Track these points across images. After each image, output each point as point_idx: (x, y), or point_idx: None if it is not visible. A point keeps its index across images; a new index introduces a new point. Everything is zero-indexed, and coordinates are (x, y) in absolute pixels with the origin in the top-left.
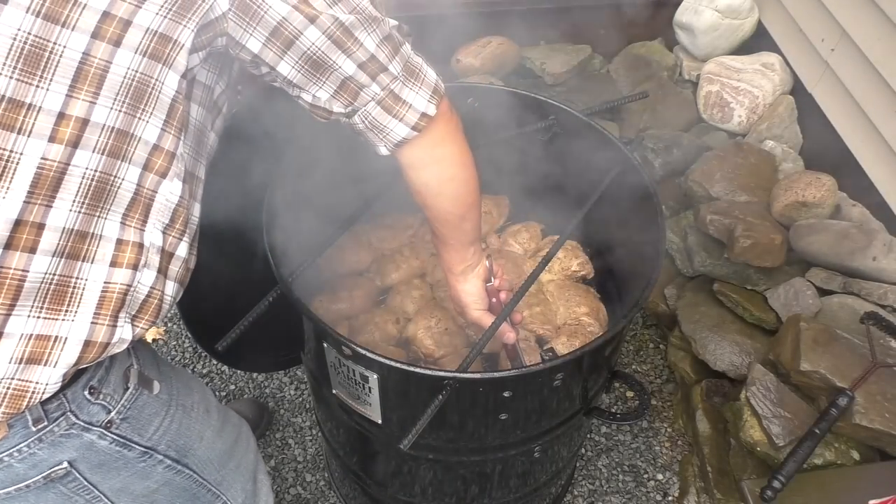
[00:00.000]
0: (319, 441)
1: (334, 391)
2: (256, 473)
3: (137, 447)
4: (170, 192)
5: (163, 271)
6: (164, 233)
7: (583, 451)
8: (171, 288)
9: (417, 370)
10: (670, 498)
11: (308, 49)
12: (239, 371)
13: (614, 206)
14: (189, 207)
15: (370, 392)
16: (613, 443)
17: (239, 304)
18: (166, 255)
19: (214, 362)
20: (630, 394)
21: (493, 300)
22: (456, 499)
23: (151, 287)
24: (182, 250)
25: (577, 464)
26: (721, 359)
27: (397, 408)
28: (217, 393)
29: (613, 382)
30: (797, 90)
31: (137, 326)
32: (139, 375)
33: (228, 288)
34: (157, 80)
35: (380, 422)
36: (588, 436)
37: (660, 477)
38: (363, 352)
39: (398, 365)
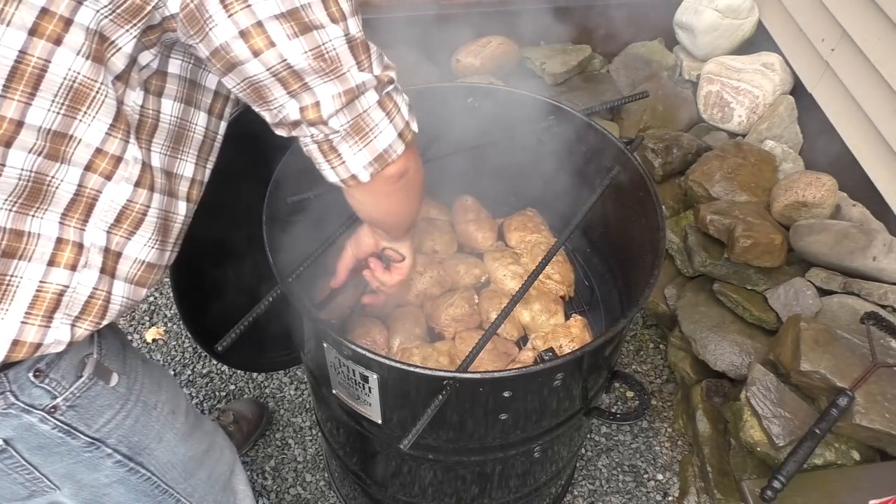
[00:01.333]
0: (319, 441)
1: (334, 391)
2: (233, 484)
3: (83, 436)
4: (115, 194)
5: (108, 271)
6: (108, 232)
7: (583, 451)
8: (121, 288)
9: (417, 370)
10: (670, 498)
11: (250, 78)
12: (239, 371)
13: (614, 206)
14: (150, 206)
15: (370, 392)
16: (613, 443)
17: (239, 304)
18: (112, 255)
19: (214, 362)
20: (630, 394)
21: (367, 267)
22: (456, 499)
23: (94, 288)
24: (133, 250)
25: (577, 464)
26: (721, 359)
27: (397, 408)
28: (217, 393)
29: (613, 382)
30: (797, 90)
31: (79, 328)
32: (96, 365)
33: (228, 288)
34: (101, 83)
35: (380, 422)
36: (588, 436)
37: (660, 477)
38: (363, 352)
39: (398, 365)
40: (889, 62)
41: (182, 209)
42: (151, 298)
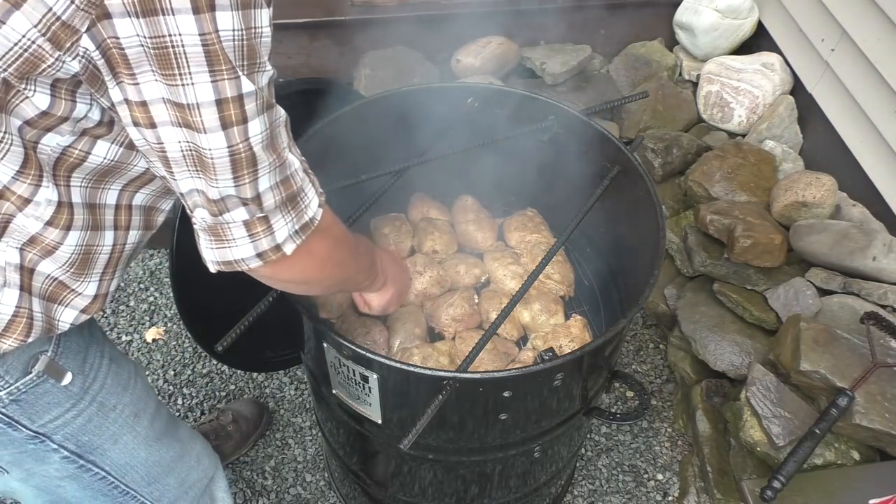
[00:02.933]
0: (319, 441)
1: (334, 391)
2: (213, 491)
3: (25, 430)
4: (26, 223)
5: (26, 288)
6: (21, 250)
7: (583, 451)
8: (38, 305)
9: (417, 370)
10: (670, 498)
11: (136, 140)
12: (239, 371)
13: (614, 206)
14: (62, 243)
15: (370, 392)
16: (613, 443)
17: (239, 304)
18: (27, 272)
19: (214, 362)
20: (630, 394)
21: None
22: (456, 499)
23: (17, 306)
24: (45, 268)
25: (577, 464)
26: (721, 359)
27: (397, 408)
28: (217, 393)
29: (613, 382)
30: (797, 90)
31: (3, 343)
32: (49, 363)
33: (228, 288)
34: (4, 132)
35: (380, 422)
36: (588, 436)
37: (660, 477)
38: (363, 352)
39: (398, 365)
40: (889, 62)
41: (109, 239)
42: (151, 298)
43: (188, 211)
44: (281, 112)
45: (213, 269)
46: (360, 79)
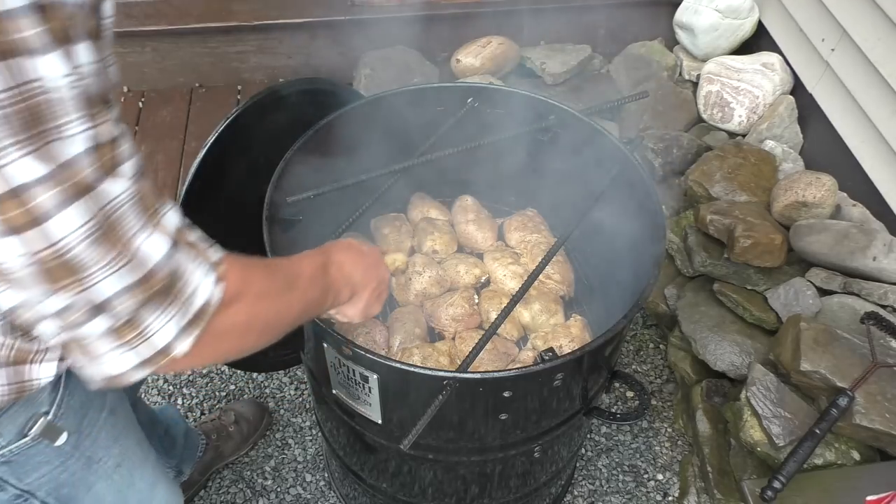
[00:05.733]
0: (319, 441)
1: (334, 391)
2: None
3: (12, 489)
4: None
5: None
6: None
7: (583, 451)
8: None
9: (417, 370)
10: (670, 498)
11: None
12: (239, 371)
13: (614, 206)
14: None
15: (370, 392)
16: (613, 443)
17: None
18: None
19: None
20: (630, 394)
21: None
22: (456, 499)
23: None
24: None
25: (577, 464)
26: (721, 359)
27: (397, 408)
28: (217, 393)
29: (613, 382)
30: (797, 90)
31: None
32: (46, 426)
33: None
34: None
35: (380, 422)
36: (588, 436)
37: (660, 477)
38: (363, 352)
39: (398, 365)
40: (889, 62)
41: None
42: None
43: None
44: (128, 182)
45: (96, 387)
46: (360, 79)
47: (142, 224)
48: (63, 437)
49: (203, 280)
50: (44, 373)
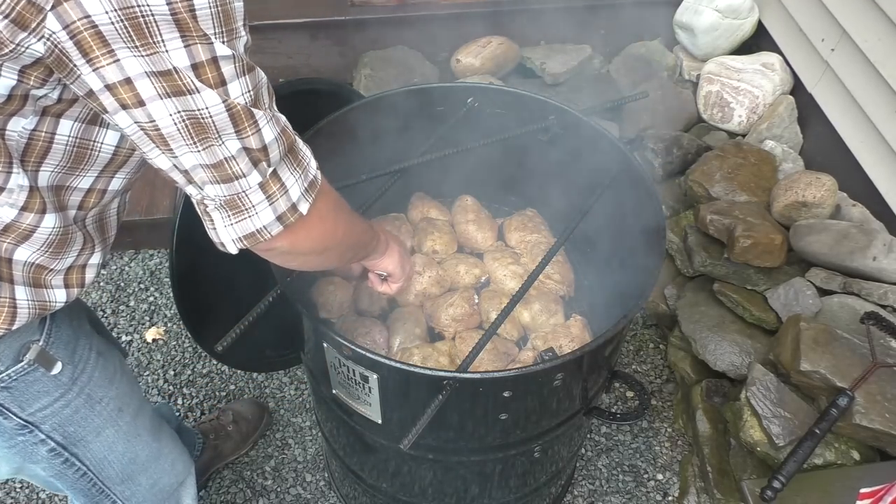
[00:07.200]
0: (319, 441)
1: (334, 391)
2: (180, 496)
3: (15, 418)
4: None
5: (5, 278)
6: None
7: (583, 451)
8: (23, 292)
9: (417, 370)
10: (670, 498)
11: (123, 128)
12: (239, 371)
13: (614, 206)
14: (38, 226)
15: (370, 392)
16: (613, 443)
17: (239, 304)
18: (4, 262)
19: (214, 362)
20: (630, 394)
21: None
22: (456, 499)
23: None
24: (21, 255)
25: (577, 464)
26: (721, 359)
27: (397, 408)
28: (217, 393)
29: (613, 382)
30: (797, 90)
31: None
32: (40, 352)
33: (228, 288)
34: None
35: (380, 422)
36: (588, 436)
37: (660, 477)
38: (363, 352)
39: (398, 365)
40: (889, 62)
41: (94, 215)
42: (151, 298)
43: (195, 197)
44: (261, 75)
45: (234, 248)
46: (360, 79)
47: (270, 101)
48: (58, 367)
49: (311, 158)
50: (59, 297)
